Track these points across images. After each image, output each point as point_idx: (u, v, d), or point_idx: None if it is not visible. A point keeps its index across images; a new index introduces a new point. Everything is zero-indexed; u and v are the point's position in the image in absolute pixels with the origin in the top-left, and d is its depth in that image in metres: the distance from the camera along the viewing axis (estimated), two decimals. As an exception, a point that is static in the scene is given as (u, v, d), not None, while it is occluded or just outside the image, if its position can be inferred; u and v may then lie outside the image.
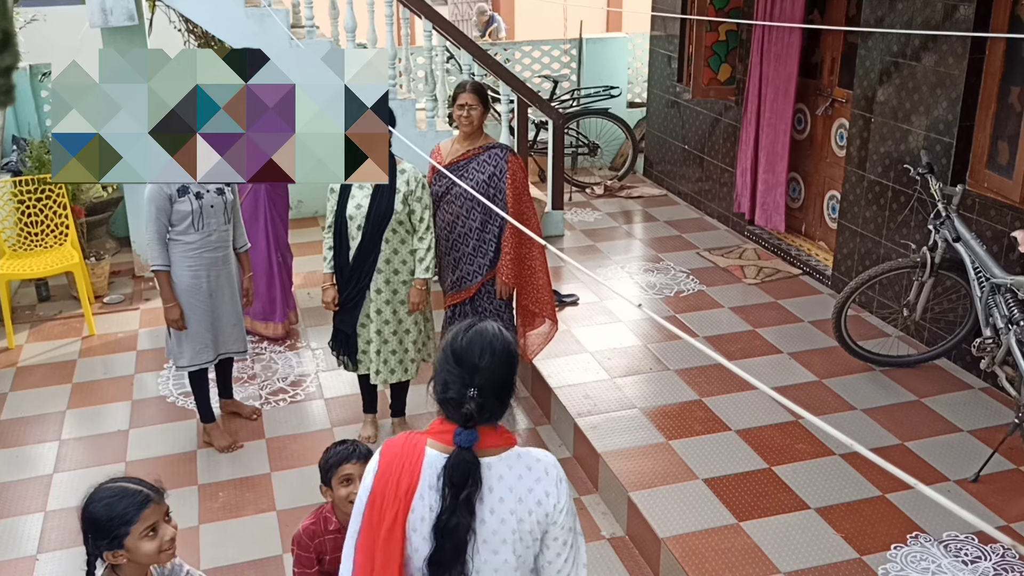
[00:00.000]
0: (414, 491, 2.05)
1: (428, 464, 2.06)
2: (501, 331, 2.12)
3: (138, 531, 2.33)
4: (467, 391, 2.03)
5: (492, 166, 4.49)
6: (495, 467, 2.07)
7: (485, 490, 2.05)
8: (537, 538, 2.09)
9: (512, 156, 4.52)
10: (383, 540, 2.07)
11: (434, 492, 2.04)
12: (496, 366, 2.06)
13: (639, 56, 9.40)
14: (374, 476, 2.11)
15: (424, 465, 2.06)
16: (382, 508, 2.08)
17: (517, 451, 2.12)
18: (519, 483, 2.08)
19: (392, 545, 2.05)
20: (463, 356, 2.06)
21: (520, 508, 2.06)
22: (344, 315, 4.47)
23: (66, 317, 6.29)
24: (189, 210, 4.29)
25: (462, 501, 2.01)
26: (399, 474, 2.07)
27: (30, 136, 7.47)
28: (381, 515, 2.08)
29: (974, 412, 4.62)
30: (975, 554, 3.63)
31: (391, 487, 2.07)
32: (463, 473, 2.01)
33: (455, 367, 2.06)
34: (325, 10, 6.78)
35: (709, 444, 4.39)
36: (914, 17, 5.12)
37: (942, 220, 4.61)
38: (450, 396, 2.05)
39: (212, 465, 4.60)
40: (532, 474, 2.09)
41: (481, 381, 2.03)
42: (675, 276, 6.35)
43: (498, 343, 2.08)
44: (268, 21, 6.16)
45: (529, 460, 2.11)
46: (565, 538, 2.11)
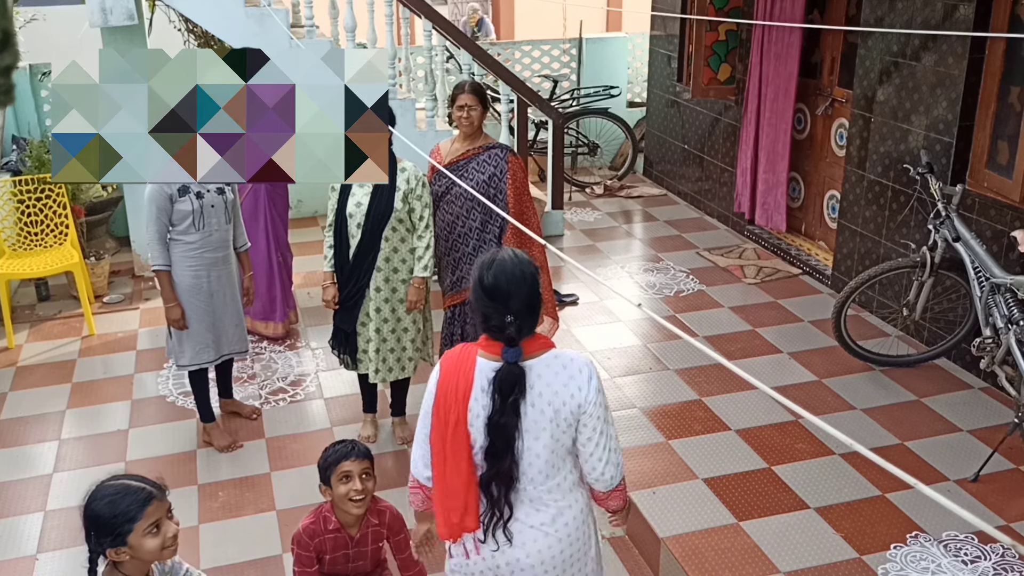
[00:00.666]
0: (470, 393, 2.46)
1: (479, 371, 2.47)
2: (517, 256, 2.48)
3: (141, 528, 2.33)
4: (505, 319, 2.42)
5: (492, 166, 4.49)
6: (535, 368, 2.46)
7: (526, 387, 2.44)
8: (572, 424, 2.47)
9: (512, 156, 4.52)
10: (452, 435, 2.48)
11: (485, 395, 2.45)
12: (524, 291, 2.42)
13: (639, 56, 9.40)
14: (437, 381, 2.53)
15: (476, 372, 2.47)
16: (447, 408, 2.49)
17: (554, 353, 2.49)
18: (555, 380, 2.45)
19: (459, 438, 2.48)
20: (494, 292, 2.42)
21: (556, 400, 2.45)
22: (344, 313, 4.47)
23: (66, 317, 6.29)
24: (190, 210, 4.28)
25: (509, 404, 2.42)
26: (457, 379, 2.48)
27: (30, 136, 7.47)
28: (447, 414, 2.49)
29: (974, 412, 4.62)
30: (975, 554, 3.63)
31: (451, 390, 2.48)
32: (511, 383, 2.42)
33: (490, 302, 2.43)
34: (325, 10, 6.78)
35: (709, 444, 4.39)
36: (914, 17, 5.12)
37: (942, 220, 4.61)
38: (492, 325, 2.45)
39: (212, 465, 4.60)
40: (566, 372, 2.46)
41: (515, 307, 2.42)
42: (675, 276, 6.35)
43: (518, 270, 2.44)
44: (268, 21, 6.16)
45: (564, 360, 2.48)
46: (595, 425, 2.47)
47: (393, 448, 4.69)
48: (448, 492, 2.52)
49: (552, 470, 2.51)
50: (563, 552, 2.55)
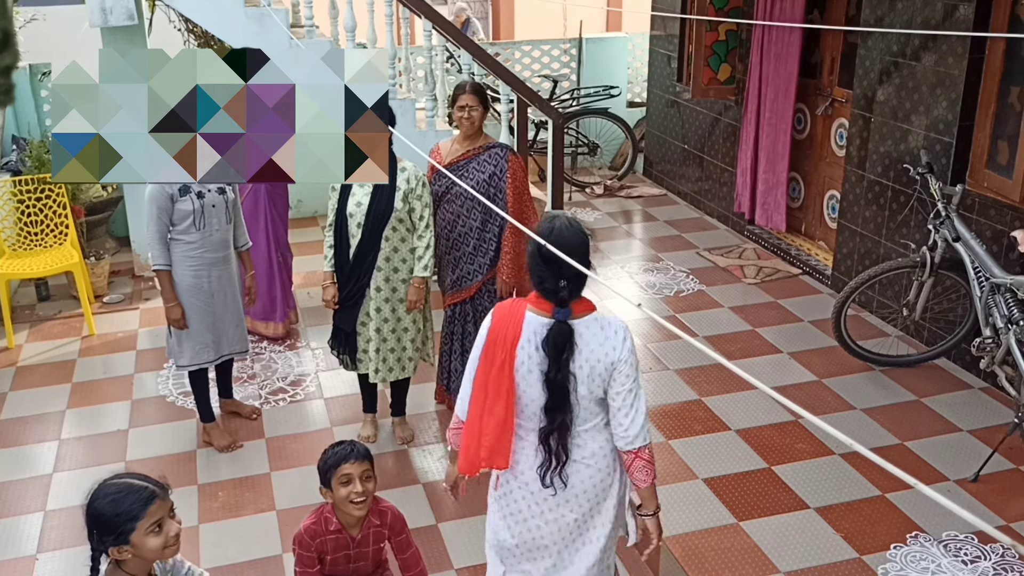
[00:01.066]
0: (517, 342, 2.76)
1: (527, 323, 2.77)
2: (572, 224, 2.76)
3: (144, 527, 2.33)
4: (559, 283, 2.70)
5: (492, 165, 4.49)
6: (578, 328, 2.74)
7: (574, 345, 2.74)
8: (605, 379, 2.76)
9: (512, 155, 4.53)
10: (495, 376, 2.78)
11: (531, 345, 2.75)
12: (577, 259, 2.55)
13: (639, 56, 9.40)
14: (488, 328, 2.83)
15: (524, 323, 2.77)
16: (494, 352, 2.78)
17: (595, 316, 2.79)
18: (594, 339, 2.75)
19: (502, 380, 2.76)
20: (550, 257, 2.59)
21: (592, 357, 2.74)
22: (344, 313, 4.47)
23: (66, 317, 6.29)
24: (191, 210, 4.28)
25: (564, 361, 2.71)
26: (507, 328, 2.78)
27: (30, 136, 7.46)
28: (493, 357, 2.79)
29: (974, 412, 4.62)
30: (975, 554, 3.63)
31: (501, 337, 2.78)
32: (563, 340, 2.71)
33: (546, 267, 2.70)
34: (325, 10, 6.78)
35: (709, 444, 4.39)
36: (914, 17, 5.12)
37: (942, 220, 4.61)
38: (546, 287, 2.73)
39: (212, 465, 4.60)
40: (604, 333, 2.77)
41: (568, 273, 2.64)
42: (675, 276, 6.35)
43: (575, 239, 2.74)
44: (268, 21, 6.16)
45: (603, 323, 2.78)
46: (624, 381, 2.76)
47: (393, 448, 4.69)
48: (482, 429, 2.80)
49: (589, 415, 2.81)
50: (599, 483, 2.87)
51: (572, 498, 2.85)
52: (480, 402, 2.81)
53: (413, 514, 4.15)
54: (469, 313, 4.72)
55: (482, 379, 2.82)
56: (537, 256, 2.70)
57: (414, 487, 4.40)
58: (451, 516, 4.18)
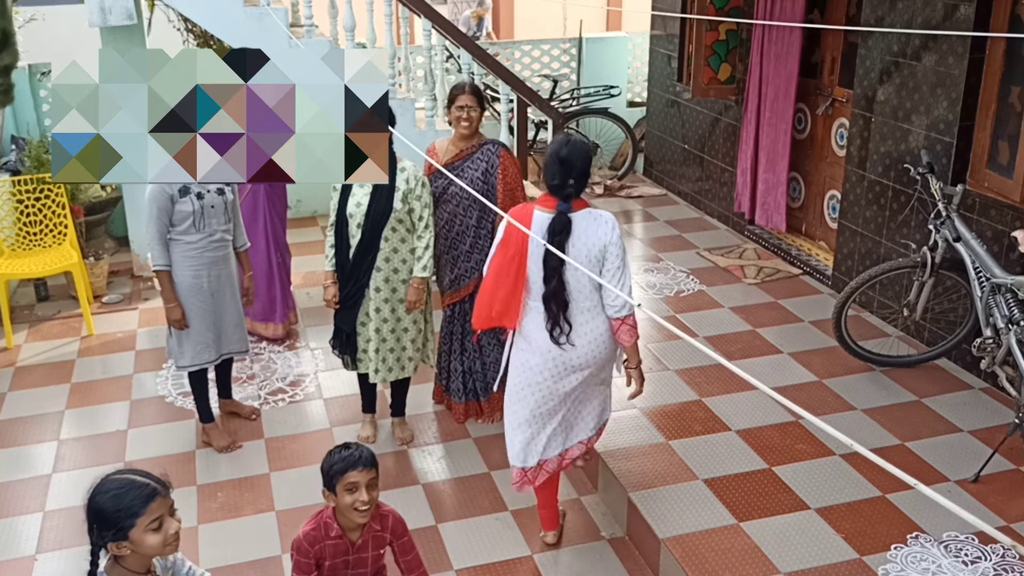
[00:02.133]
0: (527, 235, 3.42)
1: (536, 219, 3.50)
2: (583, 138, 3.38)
3: (144, 524, 2.33)
4: (567, 181, 3.45)
5: (485, 162, 4.50)
6: (575, 219, 3.46)
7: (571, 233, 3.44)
8: (599, 260, 3.47)
9: (504, 151, 4.53)
10: (509, 259, 3.52)
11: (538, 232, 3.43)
12: (584, 165, 3.48)
13: (639, 55, 9.39)
14: (506, 225, 3.52)
15: (534, 219, 3.50)
16: (509, 243, 3.52)
17: (588, 210, 3.49)
18: (588, 228, 3.46)
19: (514, 262, 3.50)
20: (565, 161, 3.44)
21: (588, 243, 3.46)
22: (344, 313, 4.47)
23: (65, 317, 6.29)
24: (191, 210, 4.28)
25: (557, 242, 3.40)
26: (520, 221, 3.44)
27: (29, 136, 7.46)
28: (507, 247, 3.52)
29: (974, 412, 4.61)
30: (975, 554, 3.63)
31: (515, 229, 3.46)
32: (560, 226, 3.43)
33: (560, 167, 3.45)
34: (324, 9, 6.77)
35: (709, 444, 4.39)
36: (914, 17, 5.12)
37: (942, 220, 4.61)
38: (556, 183, 3.46)
39: (211, 465, 4.59)
40: (596, 223, 3.48)
41: (575, 175, 3.46)
42: (675, 276, 6.35)
43: (583, 149, 3.49)
44: (267, 20, 6.16)
45: (595, 215, 3.50)
46: (614, 261, 3.47)
47: (393, 448, 4.69)
48: (492, 300, 3.58)
49: (586, 298, 3.52)
50: (599, 353, 3.58)
51: (576, 366, 3.57)
52: (494, 277, 3.56)
53: (413, 515, 4.15)
54: (467, 313, 4.71)
55: (497, 263, 3.56)
56: (556, 158, 3.46)
57: (414, 488, 4.39)
58: (451, 517, 4.18)
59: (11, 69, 6.35)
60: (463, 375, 4.80)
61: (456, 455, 4.65)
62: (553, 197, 3.48)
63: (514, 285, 3.52)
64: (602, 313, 3.52)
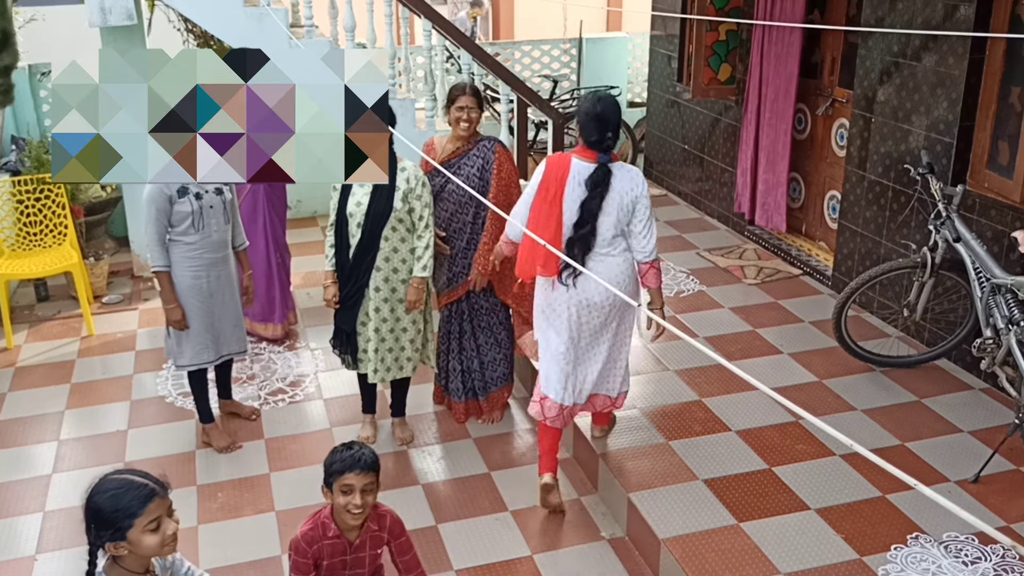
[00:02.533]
0: (565, 181, 3.81)
1: (574, 167, 3.83)
2: (611, 95, 3.90)
3: (142, 524, 2.33)
4: (606, 135, 3.79)
5: (481, 158, 4.51)
6: (613, 169, 3.82)
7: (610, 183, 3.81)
8: (629, 210, 3.83)
9: (500, 147, 4.54)
10: (548, 206, 3.82)
11: (575, 182, 3.80)
12: (617, 118, 3.83)
13: (639, 56, 9.39)
14: (544, 172, 3.86)
15: (571, 168, 3.83)
16: (548, 186, 3.83)
17: (620, 164, 3.87)
18: (622, 180, 3.83)
19: (553, 209, 3.82)
20: (602, 115, 3.78)
21: (622, 192, 3.81)
22: (344, 313, 4.47)
23: (65, 317, 6.29)
24: (189, 211, 4.28)
25: (598, 192, 3.79)
26: (557, 171, 3.84)
27: (29, 136, 7.46)
28: (548, 191, 3.83)
29: (974, 412, 4.61)
30: (975, 555, 3.63)
31: (553, 178, 3.83)
32: (602, 177, 3.79)
33: (597, 123, 3.78)
34: (324, 9, 6.77)
35: (709, 444, 4.38)
36: (914, 17, 5.11)
37: (942, 220, 4.61)
38: (595, 139, 3.80)
39: (211, 465, 4.59)
40: (628, 176, 3.85)
41: (611, 128, 3.80)
42: (675, 276, 6.35)
43: (615, 103, 3.85)
44: (267, 20, 6.16)
45: (627, 168, 3.88)
46: (644, 212, 3.85)
47: (393, 449, 4.69)
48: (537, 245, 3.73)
49: (614, 239, 3.85)
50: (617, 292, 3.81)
51: (596, 304, 3.90)
52: (535, 225, 3.82)
53: (413, 515, 4.15)
54: (465, 312, 4.72)
55: (538, 208, 3.86)
56: (592, 115, 3.78)
57: (414, 488, 4.39)
58: (451, 517, 4.18)
59: (11, 69, 6.35)
60: (462, 374, 4.80)
61: (456, 455, 4.65)
62: (591, 150, 3.82)
63: (555, 231, 3.81)
64: (617, 257, 3.88)
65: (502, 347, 4.82)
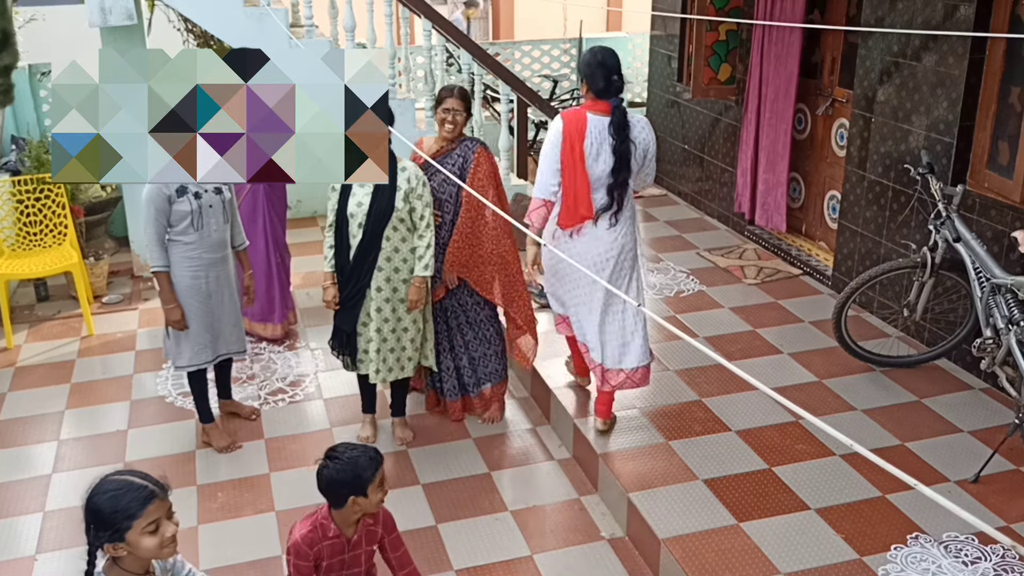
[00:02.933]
0: (583, 135, 4.05)
1: (591, 121, 4.07)
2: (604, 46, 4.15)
3: (140, 526, 2.32)
4: (612, 78, 4.04)
5: (463, 158, 4.57)
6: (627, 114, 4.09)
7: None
8: (643, 155, 4.17)
9: (481, 148, 4.59)
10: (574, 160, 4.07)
11: (594, 135, 4.05)
12: (617, 62, 4.09)
13: (639, 56, 9.39)
14: (561, 130, 4.08)
15: (588, 122, 4.06)
16: (571, 143, 4.06)
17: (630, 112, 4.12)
18: (637, 127, 4.13)
19: (577, 162, 4.08)
20: (604, 62, 4.05)
21: (639, 139, 4.12)
22: (345, 314, 4.47)
23: (65, 317, 6.29)
24: (188, 210, 4.28)
25: (624, 134, 4.04)
26: (573, 127, 4.07)
27: (29, 136, 7.46)
28: (572, 147, 4.07)
29: (974, 412, 4.61)
30: (975, 555, 3.63)
31: (572, 132, 4.06)
32: (623, 121, 4.05)
33: (601, 69, 4.04)
34: (324, 9, 6.77)
35: (709, 444, 4.38)
36: (914, 17, 5.12)
37: (942, 220, 4.61)
38: (603, 86, 4.04)
39: (211, 465, 4.59)
40: (640, 124, 4.16)
41: (615, 72, 4.05)
42: (675, 276, 6.35)
43: (610, 50, 4.11)
44: (267, 20, 6.16)
45: (637, 117, 4.17)
46: (650, 157, 4.21)
47: (393, 448, 4.68)
48: (575, 195, 4.11)
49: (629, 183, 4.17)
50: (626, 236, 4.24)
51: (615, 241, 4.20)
52: (570, 178, 4.10)
53: (412, 515, 4.15)
54: (449, 310, 4.74)
55: (567, 163, 4.09)
56: (594, 65, 4.02)
57: (413, 488, 4.39)
58: (450, 517, 4.18)
59: (11, 69, 6.35)
60: (456, 372, 4.82)
61: (456, 455, 4.65)
62: (601, 101, 4.04)
63: (585, 180, 4.09)
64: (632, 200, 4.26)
65: (491, 344, 4.82)
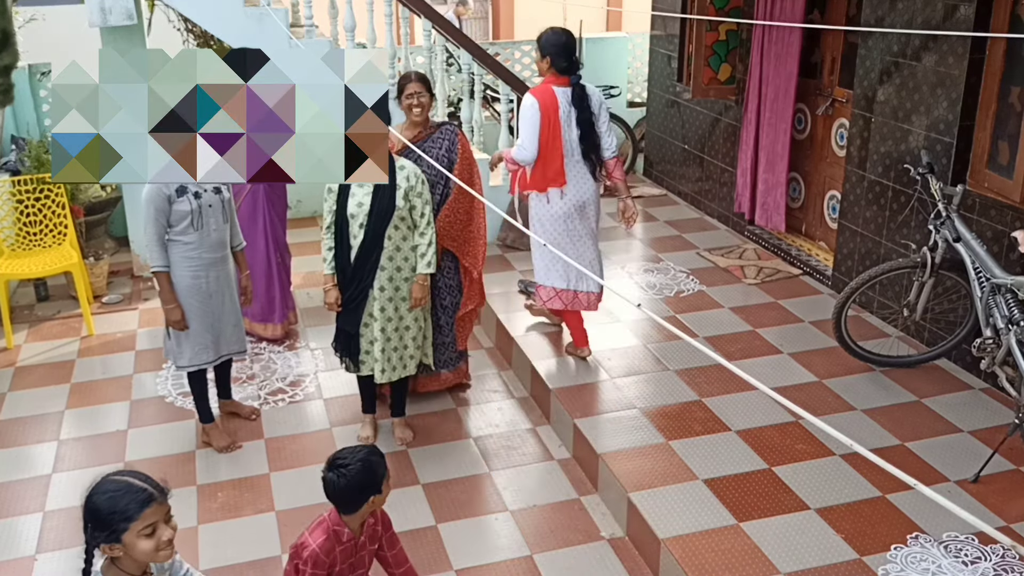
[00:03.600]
0: (557, 108, 4.71)
1: (559, 93, 4.73)
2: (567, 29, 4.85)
3: (137, 528, 2.32)
4: (572, 58, 4.76)
5: (447, 140, 4.66)
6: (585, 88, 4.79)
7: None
8: (598, 116, 4.82)
9: (460, 131, 4.75)
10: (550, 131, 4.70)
11: (564, 106, 4.71)
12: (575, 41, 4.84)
13: (639, 56, 9.39)
14: (538, 105, 4.70)
15: (556, 95, 4.72)
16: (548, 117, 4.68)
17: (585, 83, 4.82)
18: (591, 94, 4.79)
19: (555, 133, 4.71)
20: (567, 43, 4.76)
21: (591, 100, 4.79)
22: (347, 315, 4.47)
23: (65, 317, 6.29)
24: (188, 210, 4.28)
25: (586, 104, 4.75)
26: (548, 102, 4.70)
27: (29, 135, 7.46)
28: (548, 119, 4.69)
29: (974, 412, 4.61)
30: (975, 555, 3.63)
31: (546, 106, 4.69)
32: (582, 93, 4.76)
33: (564, 50, 4.73)
34: (324, 9, 6.78)
35: (709, 444, 4.38)
36: (914, 17, 5.12)
37: (942, 220, 4.61)
38: (565, 65, 4.73)
39: (211, 465, 4.59)
40: (591, 90, 4.80)
41: (575, 51, 4.79)
42: (675, 276, 6.35)
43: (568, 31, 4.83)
44: (267, 20, 6.16)
45: (591, 87, 4.83)
46: (604, 117, 4.86)
47: (393, 448, 4.68)
48: (549, 164, 4.73)
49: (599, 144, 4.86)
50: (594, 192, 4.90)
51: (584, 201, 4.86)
52: (546, 148, 4.69)
53: (412, 515, 4.15)
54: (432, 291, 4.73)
55: (545, 135, 4.68)
56: (559, 46, 4.70)
57: (413, 488, 4.39)
58: (450, 517, 4.18)
59: (11, 69, 6.35)
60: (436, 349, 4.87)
61: (456, 455, 4.65)
62: (562, 76, 4.72)
63: (560, 149, 4.71)
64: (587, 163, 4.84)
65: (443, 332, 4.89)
